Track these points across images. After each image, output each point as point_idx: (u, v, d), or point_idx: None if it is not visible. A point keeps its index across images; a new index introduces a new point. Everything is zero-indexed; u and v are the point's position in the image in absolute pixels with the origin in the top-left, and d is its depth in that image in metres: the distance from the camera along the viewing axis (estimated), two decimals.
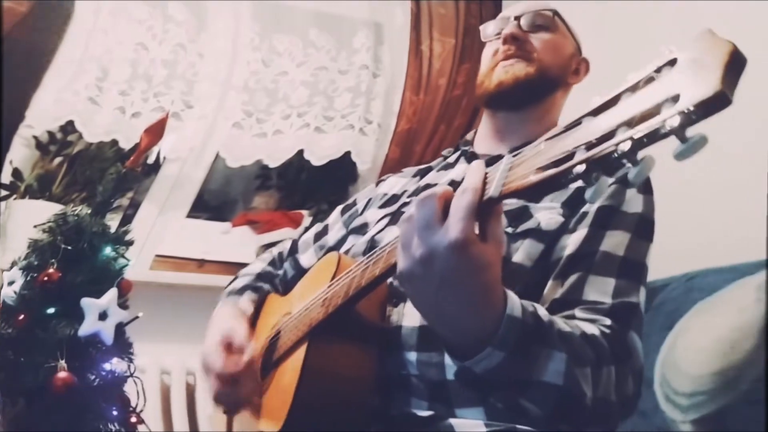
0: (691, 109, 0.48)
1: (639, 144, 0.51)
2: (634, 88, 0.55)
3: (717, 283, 1.34)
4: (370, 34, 2.35)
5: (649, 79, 0.54)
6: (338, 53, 2.34)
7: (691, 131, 0.49)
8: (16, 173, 2.04)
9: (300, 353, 0.90)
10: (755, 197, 1.37)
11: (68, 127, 2.08)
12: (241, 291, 1.26)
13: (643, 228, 0.97)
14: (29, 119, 2.01)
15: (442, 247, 0.63)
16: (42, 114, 2.01)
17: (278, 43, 2.30)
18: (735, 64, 0.48)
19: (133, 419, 1.33)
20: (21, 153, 2.08)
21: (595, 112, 0.58)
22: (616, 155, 0.53)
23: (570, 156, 0.58)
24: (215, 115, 2.19)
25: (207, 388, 1.09)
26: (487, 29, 1.23)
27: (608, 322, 0.87)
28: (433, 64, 2.27)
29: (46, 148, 2.11)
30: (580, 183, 0.98)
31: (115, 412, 1.28)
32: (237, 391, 1.02)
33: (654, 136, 0.50)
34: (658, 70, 0.53)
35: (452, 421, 0.88)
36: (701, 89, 0.48)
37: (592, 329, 0.84)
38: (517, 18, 1.18)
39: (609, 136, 0.54)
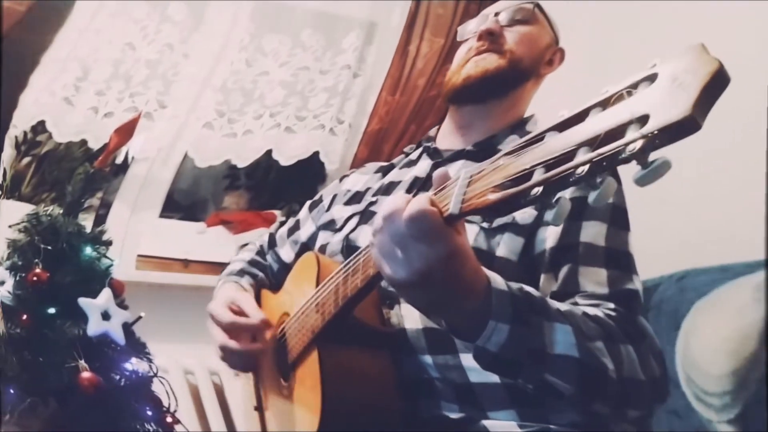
0: (656, 133, 0.44)
1: (598, 168, 0.48)
2: (604, 104, 0.52)
3: (709, 282, 1.35)
4: (361, 34, 2.32)
5: (621, 96, 0.51)
6: (324, 53, 2.31)
7: (655, 155, 0.45)
8: (4, 173, 2.04)
9: (313, 360, 0.91)
10: (744, 198, 1.36)
11: (38, 127, 2.06)
12: (240, 273, 1.28)
13: (618, 217, 0.96)
14: (15, 119, 1.99)
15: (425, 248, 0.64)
16: (23, 114, 1.99)
17: (267, 43, 2.26)
18: (714, 87, 0.45)
19: (169, 419, 1.31)
20: (7, 153, 2.07)
21: (560, 127, 0.56)
22: (573, 178, 0.49)
23: (528, 175, 0.55)
24: (187, 115, 2.15)
25: (214, 345, 1.11)
26: (467, 27, 1.22)
27: (612, 305, 0.87)
28: (416, 64, 2.24)
29: (20, 147, 2.11)
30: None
31: (149, 413, 1.27)
32: (251, 347, 1.06)
33: (613, 161, 0.47)
34: (635, 86, 0.51)
35: (485, 422, 0.89)
36: (671, 112, 0.45)
37: (594, 311, 0.84)
38: (497, 14, 1.18)
39: (569, 156, 0.51)
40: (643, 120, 0.46)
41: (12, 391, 1.17)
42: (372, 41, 2.35)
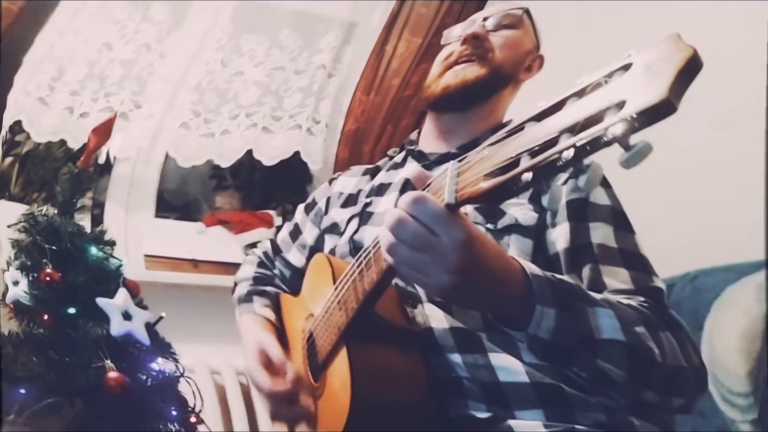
0: (634, 116, 0.46)
1: (582, 151, 0.49)
2: (580, 93, 0.54)
3: (720, 282, 1.36)
4: (340, 34, 2.31)
5: (597, 85, 0.52)
6: (300, 53, 2.30)
7: (636, 138, 0.47)
8: None
9: (342, 357, 0.91)
10: (747, 199, 1.36)
11: (15, 127, 2.05)
12: (248, 297, 1.26)
13: (620, 220, 0.97)
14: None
15: (452, 245, 0.64)
16: (6, 114, 1.98)
17: (244, 43, 2.25)
18: (688, 71, 0.47)
19: (193, 419, 1.32)
20: None
21: (539, 117, 0.57)
22: (560, 163, 0.51)
23: (515, 162, 0.56)
24: (163, 116, 2.14)
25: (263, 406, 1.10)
26: (453, 31, 1.22)
27: (642, 299, 0.87)
28: (391, 64, 2.23)
29: (2, 147, 2.09)
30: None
31: (174, 412, 1.27)
32: (292, 407, 1.04)
33: (596, 144, 0.49)
34: (609, 75, 0.52)
35: (511, 422, 0.88)
36: (647, 96, 0.46)
37: (628, 302, 0.84)
38: (485, 19, 1.17)
39: (552, 142, 0.53)
40: (620, 105, 0.48)
41: (23, 390, 1.16)
42: (350, 41, 2.34)
